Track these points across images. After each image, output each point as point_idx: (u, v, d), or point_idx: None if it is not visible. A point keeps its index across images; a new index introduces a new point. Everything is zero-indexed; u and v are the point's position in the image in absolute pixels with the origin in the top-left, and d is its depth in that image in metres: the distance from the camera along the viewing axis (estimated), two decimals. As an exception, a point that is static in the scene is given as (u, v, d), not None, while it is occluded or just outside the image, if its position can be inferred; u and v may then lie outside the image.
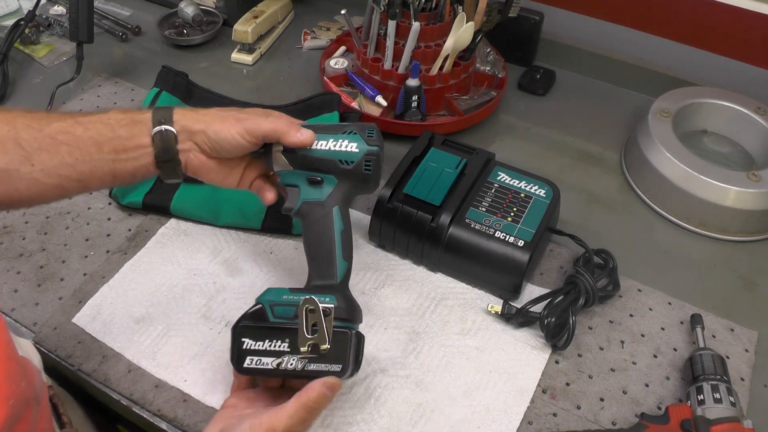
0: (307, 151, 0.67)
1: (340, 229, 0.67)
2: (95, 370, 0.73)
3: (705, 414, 0.65)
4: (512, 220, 0.80)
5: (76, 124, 0.63)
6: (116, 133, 0.63)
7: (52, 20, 1.24)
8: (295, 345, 0.61)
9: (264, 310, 0.64)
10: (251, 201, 0.87)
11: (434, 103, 1.02)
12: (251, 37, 1.16)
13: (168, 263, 0.84)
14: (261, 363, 0.62)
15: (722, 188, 0.87)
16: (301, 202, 0.68)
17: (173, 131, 0.65)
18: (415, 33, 0.95)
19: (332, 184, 0.68)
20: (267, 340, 0.62)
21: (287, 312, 0.63)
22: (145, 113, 0.65)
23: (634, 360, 0.75)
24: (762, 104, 0.98)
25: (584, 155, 1.02)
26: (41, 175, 0.61)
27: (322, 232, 0.67)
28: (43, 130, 0.61)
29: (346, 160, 0.67)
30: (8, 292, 0.81)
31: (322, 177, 0.68)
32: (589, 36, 1.15)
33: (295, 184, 0.69)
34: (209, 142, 0.66)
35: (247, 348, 0.63)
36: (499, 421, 0.70)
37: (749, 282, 0.85)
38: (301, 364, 0.61)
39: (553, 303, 0.76)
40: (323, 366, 0.61)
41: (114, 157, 0.63)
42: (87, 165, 0.62)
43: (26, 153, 0.60)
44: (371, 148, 0.67)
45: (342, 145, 0.67)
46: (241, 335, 0.63)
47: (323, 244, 0.67)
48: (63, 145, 0.61)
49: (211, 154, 0.67)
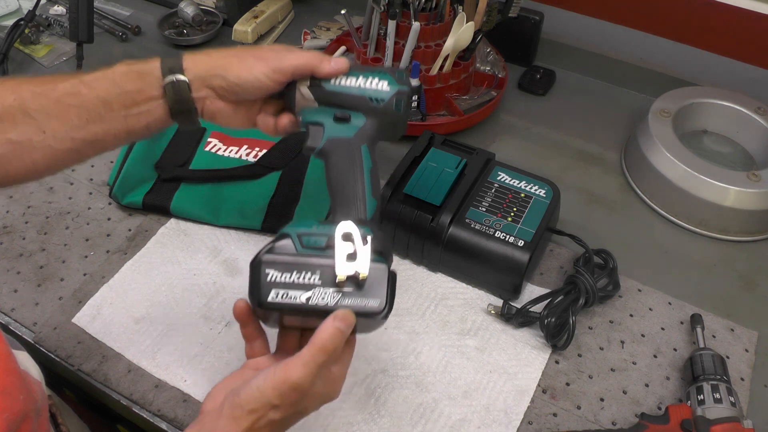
0: (336, 86, 0.64)
1: (369, 167, 0.63)
2: (95, 370, 0.73)
3: (705, 414, 0.65)
4: (512, 220, 0.80)
5: (80, 84, 0.60)
6: (123, 88, 0.60)
7: (52, 20, 1.24)
8: (327, 278, 0.56)
9: (291, 240, 0.57)
10: (251, 201, 0.87)
11: (434, 103, 1.02)
12: (251, 37, 1.16)
13: (168, 263, 0.84)
14: (288, 297, 0.56)
15: (722, 188, 0.87)
16: (326, 139, 0.64)
17: (186, 80, 0.61)
18: (415, 33, 0.95)
19: (360, 122, 0.64)
20: (295, 271, 0.56)
21: (318, 242, 0.57)
22: (152, 63, 0.61)
23: (634, 360, 0.75)
24: (762, 104, 0.98)
25: (584, 155, 1.02)
26: (54, 142, 0.59)
27: (349, 168, 0.62)
28: (49, 95, 0.59)
29: (377, 98, 0.64)
30: (8, 292, 0.81)
31: (350, 114, 0.64)
32: (589, 36, 1.15)
33: (320, 121, 0.64)
34: (228, 86, 0.62)
35: (272, 280, 0.56)
36: (499, 421, 0.70)
37: (749, 282, 0.85)
38: (335, 299, 0.56)
39: (553, 303, 0.76)
40: (359, 300, 0.56)
41: (125, 113, 0.60)
42: (98, 125, 0.60)
43: (36, 122, 0.58)
44: (402, 87, 0.64)
45: (372, 83, 0.64)
46: (266, 267, 0.56)
47: (351, 180, 0.62)
48: (71, 108, 0.59)
49: (229, 99, 0.63)
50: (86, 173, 0.95)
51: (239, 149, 0.93)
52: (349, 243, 0.56)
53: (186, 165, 0.92)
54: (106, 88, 0.60)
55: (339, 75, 0.63)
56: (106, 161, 0.96)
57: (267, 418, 0.53)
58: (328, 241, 0.57)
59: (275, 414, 0.53)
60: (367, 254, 0.56)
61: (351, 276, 0.56)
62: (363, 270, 0.56)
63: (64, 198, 0.91)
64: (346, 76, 0.64)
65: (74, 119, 0.59)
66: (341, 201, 0.61)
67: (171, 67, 0.61)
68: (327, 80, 0.64)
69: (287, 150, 0.92)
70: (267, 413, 0.53)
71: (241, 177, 0.90)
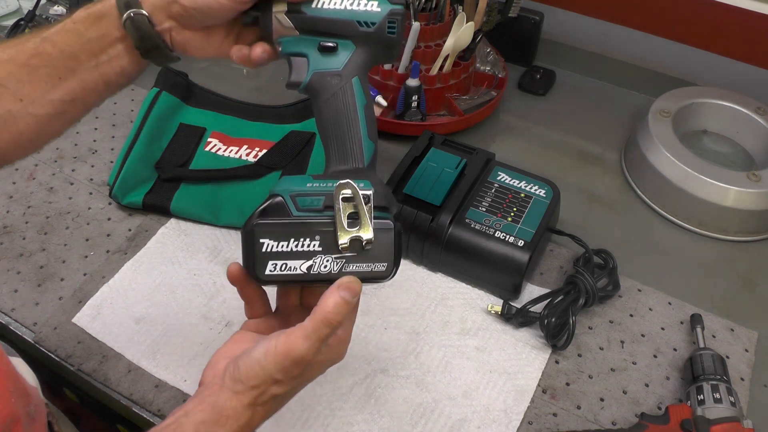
0: (318, 10, 0.56)
1: (362, 103, 0.56)
2: (95, 370, 0.73)
3: (705, 414, 0.65)
4: (512, 220, 0.80)
5: (43, 41, 0.56)
6: (85, 36, 0.56)
7: (52, 20, 1.24)
8: (328, 243, 0.51)
9: (284, 203, 0.52)
10: (251, 201, 0.87)
11: (434, 103, 1.02)
12: (251, 37, 1.16)
13: (168, 263, 0.84)
14: (287, 268, 0.51)
15: (722, 188, 0.87)
16: (312, 73, 0.57)
17: (144, 13, 0.56)
18: (415, 33, 0.95)
19: (349, 51, 0.57)
20: (292, 239, 0.51)
21: (314, 203, 0.52)
22: (106, 2, 0.57)
23: (634, 360, 0.75)
24: (762, 104, 0.98)
25: (584, 155, 1.02)
26: (33, 108, 0.56)
27: (341, 107, 0.56)
28: (17, 59, 0.56)
29: (366, 21, 0.56)
30: (8, 292, 0.81)
31: (336, 42, 0.57)
32: (589, 36, 1.15)
33: (303, 52, 0.57)
34: (185, 12, 0.56)
35: (268, 251, 0.51)
36: (499, 421, 0.70)
37: (749, 282, 0.85)
38: (338, 266, 0.52)
39: (553, 303, 0.76)
40: (365, 265, 0.52)
41: (95, 63, 0.57)
42: (71, 82, 0.57)
43: (9, 90, 0.56)
44: (395, 7, 0.56)
45: (360, 3, 0.56)
46: (259, 236, 0.51)
47: (344, 121, 0.56)
48: (40, 69, 0.56)
49: (194, 27, 0.58)
50: (86, 173, 0.95)
51: (239, 149, 0.93)
52: (350, 203, 0.52)
53: (186, 165, 0.92)
54: (69, 41, 0.56)
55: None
56: (106, 161, 0.96)
57: (269, 393, 0.51)
58: (325, 201, 0.52)
59: (278, 388, 0.51)
60: (370, 214, 0.52)
61: (354, 239, 0.51)
62: (367, 234, 0.51)
63: (65, 198, 0.91)
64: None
65: (46, 80, 0.56)
66: (335, 147, 0.56)
67: (126, 2, 0.56)
68: (308, 4, 0.56)
69: (287, 150, 0.92)
70: (269, 388, 0.50)
71: (241, 177, 0.90)
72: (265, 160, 0.91)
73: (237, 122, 0.97)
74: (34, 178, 0.94)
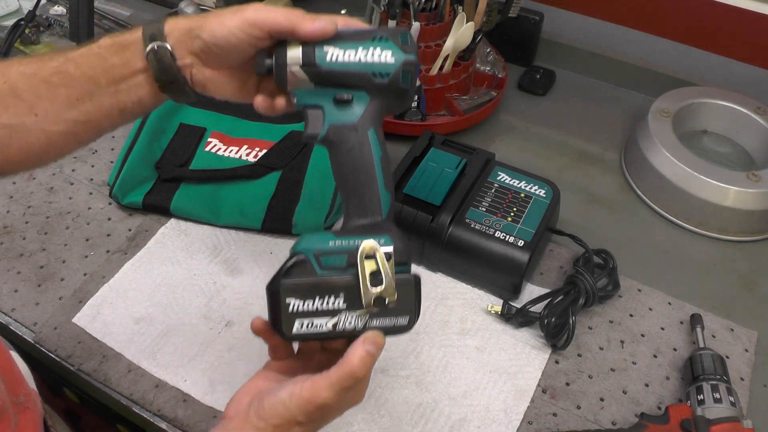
0: (332, 63, 0.56)
1: (379, 155, 0.57)
2: (95, 370, 0.73)
3: (705, 414, 0.65)
4: (512, 220, 0.80)
5: (67, 61, 0.57)
6: (109, 62, 0.57)
7: (52, 20, 1.24)
8: (353, 300, 0.53)
9: (308, 262, 0.53)
10: (251, 201, 0.87)
11: (434, 103, 1.02)
12: (251, 37, 1.16)
13: (168, 263, 0.84)
14: (313, 326, 0.53)
15: (722, 188, 0.87)
16: (328, 126, 0.57)
17: (166, 47, 0.56)
18: (415, 33, 0.95)
19: (364, 102, 0.57)
20: (317, 297, 0.53)
21: (338, 261, 0.53)
22: (134, 32, 0.57)
23: (634, 360, 0.75)
24: (762, 104, 0.98)
25: (584, 155, 1.02)
26: (47, 124, 0.57)
27: (359, 160, 0.56)
28: (38, 75, 0.57)
29: (381, 73, 0.56)
30: (8, 292, 0.81)
31: (352, 94, 0.57)
32: (589, 36, 1.15)
33: (318, 104, 0.57)
34: (206, 47, 0.56)
35: (294, 310, 0.52)
36: (499, 421, 0.70)
37: (749, 282, 0.85)
38: (362, 322, 0.53)
39: (553, 303, 0.76)
40: (388, 321, 0.54)
41: (114, 89, 0.58)
42: (88, 104, 0.58)
43: (27, 104, 0.57)
44: (409, 57, 0.56)
45: (374, 55, 0.56)
46: (285, 296, 0.53)
47: (362, 175, 0.56)
48: (60, 88, 0.57)
49: (215, 65, 0.58)
50: (86, 173, 0.95)
51: (239, 149, 0.93)
52: (372, 260, 0.53)
53: (186, 165, 0.92)
54: (92, 64, 0.57)
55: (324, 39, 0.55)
56: (106, 161, 0.96)
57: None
58: (348, 258, 0.54)
59: (299, 429, 0.52)
60: (392, 272, 0.53)
61: (378, 297, 0.53)
62: (390, 294, 0.53)
63: (65, 198, 0.92)
64: (342, 48, 0.56)
65: (64, 99, 0.57)
66: (354, 201, 0.57)
67: (152, 34, 0.56)
68: (322, 56, 0.56)
69: (287, 150, 0.92)
70: (291, 428, 0.52)
71: (241, 177, 0.90)
72: (265, 160, 0.91)
73: (237, 122, 0.97)
74: (34, 178, 0.94)
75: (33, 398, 0.57)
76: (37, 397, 0.60)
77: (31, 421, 0.55)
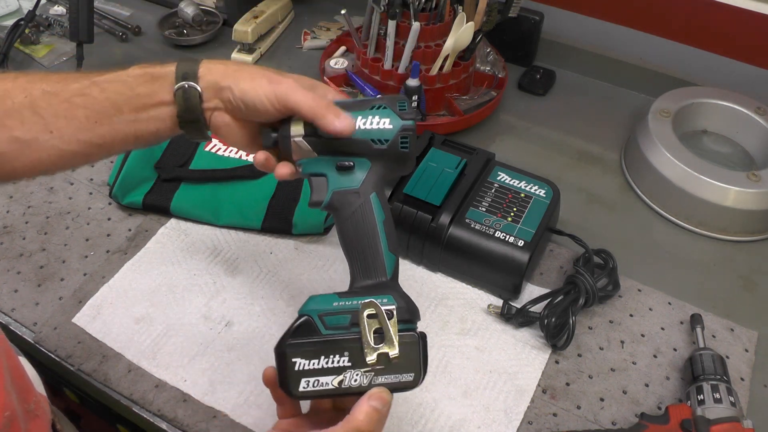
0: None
1: (381, 218, 0.59)
2: (95, 370, 0.73)
3: (705, 414, 0.65)
4: (512, 220, 0.80)
5: (92, 85, 0.58)
6: (135, 91, 0.58)
7: (52, 20, 1.24)
8: (357, 358, 0.54)
9: (313, 323, 0.55)
10: (251, 201, 0.87)
11: (434, 103, 1.02)
12: (251, 37, 1.16)
13: (168, 263, 0.84)
14: (319, 384, 0.54)
15: (722, 188, 0.87)
16: (331, 192, 0.60)
17: (197, 89, 0.58)
18: (415, 33, 0.95)
19: (365, 168, 0.60)
20: (322, 356, 0.54)
21: (341, 321, 0.55)
22: (167, 67, 0.59)
23: (634, 360, 0.75)
24: (762, 104, 0.98)
25: (584, 155, 1.02)
26: (61, 143, 0.58)
27: (361, 225, 0.59)
28: (60, 95, 0.58)
29: (380, 139, 0.59)
30: (8, 292, 0.81)
31: (353, 161, 0.60)
32: (589, 36, 1.15)
33: (322, 173, 0.61)
34: (234, 101, 0.58)
35: (300, 369, 0.54)
36: (499, 421, 0.70)
37: (749, 282, 0.85)
38: (367, 379, 0.54)
39: (553, 303, 0.76)
40: (393, 377, 0.54)
41: (134, 118, 0.59)
42: (106, 128, 0.58)
43: (44, 121, 0.57)
44: (406, 123, 0.59)
45: (373, 123, 0.59)
46: (291, 356, 0.54)
47: (365, 238, 0.59)
48: (80, 109, 0.58)
49: (236, 114, 0.60)
50: (86, 173, 0.95)
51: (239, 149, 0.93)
52: (375, 320, 0.55)
53: (186, 165, 0.92)
54: (118, 90, 0.58)
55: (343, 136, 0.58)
56: (106, 161, 0.96)
57: None
58: (352, 318, 0.55)
59: None
60: (394, 329, 0.54)
61: (381, 354, 0.54)
62: (393, 350, 0.54)
63: (65, 198, 0.92)
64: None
65: (82, 120, 0.58)
66: (359, 264, 0.59)
67: (185, 73, 0.59)
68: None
69: (287, 150, 0.92)
70: None
71: (241, 177, 0.90)
72: (265, 160, 0.91)
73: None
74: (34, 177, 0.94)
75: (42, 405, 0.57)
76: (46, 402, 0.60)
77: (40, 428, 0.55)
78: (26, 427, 0.51)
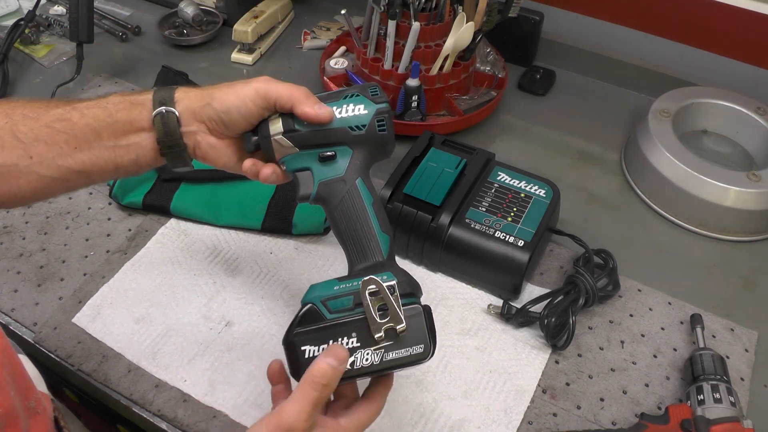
0: (312, 126, 0.60)
1: (370, 201, 0.60)
2: (95, 370, 0.73)
3: (705, 414, 0.65)
4: (512, 220, 0.80)
5: (73, 110, 0.59)
6: (114, 117, 0.59)
7: (52, 20, 1.24)
8: (365, 337, 0.54)
9: (316, 309, 0.56)
10: (251, 201, 0.87)
11: (434, 103, 1.02)
12: (251, 37, 1.16)
13: (168, 263, 0.84)
14: None
15: (722, 188, 0.87)
16: (318, 184, 0.61)
17: (175, 113, 0.59)
18: (415, 33, 0.95)
19: (347, 156, 0.61)
20: (331, 340, 0.55)
21: (345, 303, 0.56)
22: (144, 95, 0.60)
23: (634, 360, 0.75)
24: (762, 104, 0.98)
25: (584, 155, 1.02)
26: (40, 168, 0.58)
27: (351, 210, 0.60)
28: (40, 119, 0.58)
29: (357, 125, 0.60)
30: (8, 292, 0.81)
31: (335, 150, 0.61)
32: (589, 36, 1.15)
33: (306, 167, 0.62)
34: (216, 116, 0.60)
35: (310, 356, 0.54)
36: (499, 421, 0.70)
37: (749, 282, 0.85)
38: (378, 356, 0.54)
39: (553, 303, 0.76)
40: (403, 351, 0.55)
41: (114, 144, 0.59)
42: (86, 154, 0.59)
43: (24, 145, 0.57)
44: (380, 106, 0.61)
45: (349, 110, 0.61)
46: (300, 344, 0.55)
47: (357, 222, 0.60)
48: (60, 134, 0.58)
49: (220, 133, 0.61)
50: (86, 173, 0.95)
51: (239, 149, 0.93)
52: (377, 297, 0.55)
53: (186, 165, 0.92)
54: (97, 116, 0.59)
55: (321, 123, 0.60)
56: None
57: None
58: (354, 299, 0.56)
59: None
60: (397, 303, 0.55)
61: (388, 329, 0.54)
62: (399, 323, 0.54)
63: (64, 198, 0.91)
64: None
65: (62, 145, 0.58)
66: (353, 248, 0.60)
67: (162, 98, 0.60)
68: (301, 123, 0.60)
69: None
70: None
71: (240, 177, 0.89)
72: (265, 160, 0.91)
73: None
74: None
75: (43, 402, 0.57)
76: (47, 400, 0.60)
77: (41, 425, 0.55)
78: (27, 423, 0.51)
